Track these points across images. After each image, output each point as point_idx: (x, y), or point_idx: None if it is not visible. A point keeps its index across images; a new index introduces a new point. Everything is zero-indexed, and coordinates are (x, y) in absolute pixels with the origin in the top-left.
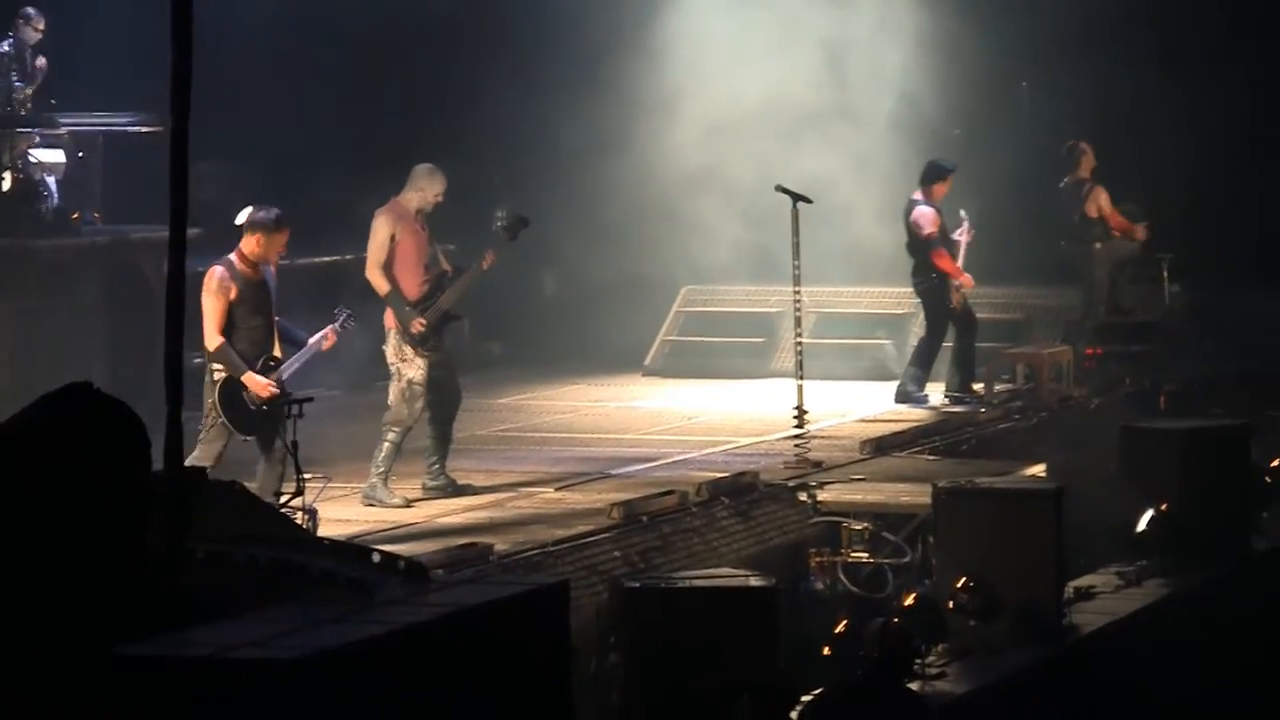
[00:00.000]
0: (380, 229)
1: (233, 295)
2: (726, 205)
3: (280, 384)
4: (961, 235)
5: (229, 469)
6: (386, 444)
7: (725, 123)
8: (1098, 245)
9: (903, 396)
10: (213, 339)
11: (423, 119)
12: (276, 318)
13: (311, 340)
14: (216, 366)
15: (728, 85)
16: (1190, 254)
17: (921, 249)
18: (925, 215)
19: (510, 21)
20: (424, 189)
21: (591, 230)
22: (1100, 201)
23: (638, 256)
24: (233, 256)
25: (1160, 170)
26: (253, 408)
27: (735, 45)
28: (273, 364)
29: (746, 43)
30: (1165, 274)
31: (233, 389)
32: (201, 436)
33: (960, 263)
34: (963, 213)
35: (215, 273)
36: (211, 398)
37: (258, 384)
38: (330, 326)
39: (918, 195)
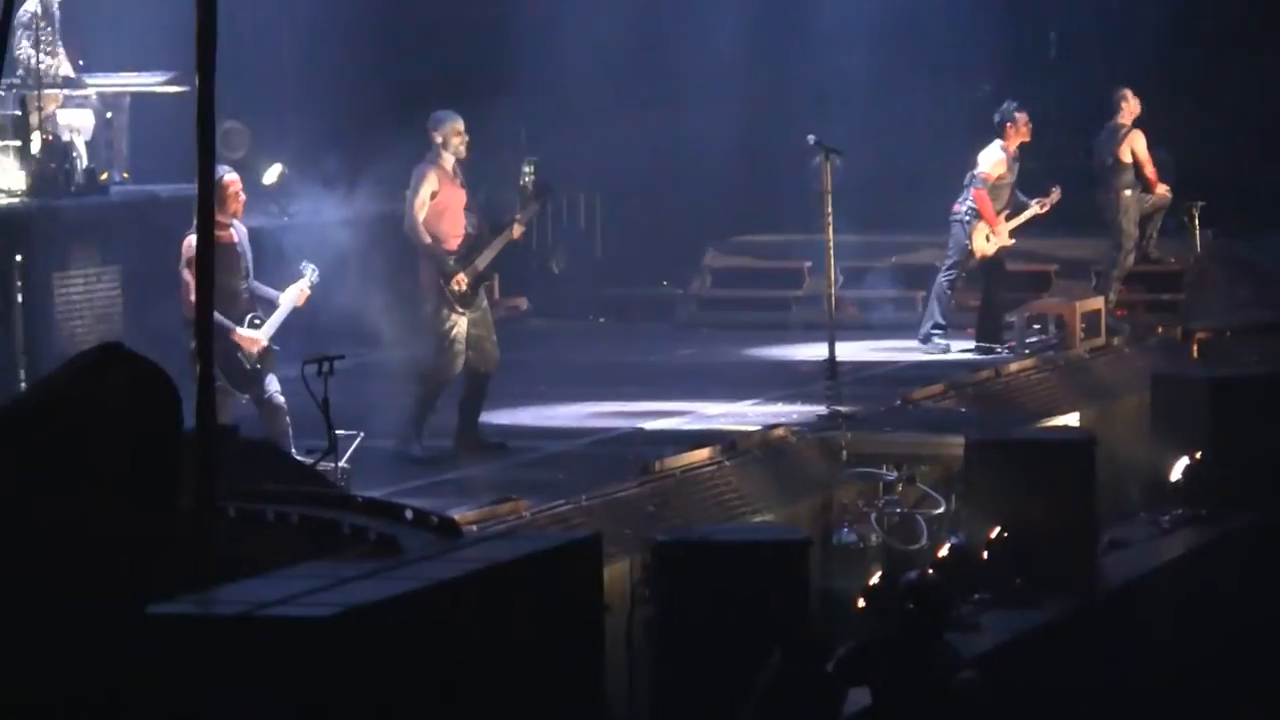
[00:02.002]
0: (423, 184)
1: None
2: (759, 157)
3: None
4: (1035, 203)
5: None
6: (421, 400)
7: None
8: (1126, 192)
9: (924, 338)
10: (191, 306)
11: (452, 62)
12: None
13: (284, 297)
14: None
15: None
16: (1222, 200)
17: (968, 183)
18: (987, 156)
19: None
20: (455, 130)
21: (620, 184)
22: (1136, 145)
23: (668, 209)
24: None
25: (1192, 116)
26: (247, 366)
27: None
28: (258, 321)
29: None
30: (1197, 221)
31: (226, 349)
32: None
33: (1012, 222)
34: (1055, 190)
35: (189, 240)
36: None
37: (251, 340)
38: (300, 282)
39: (995, 142)
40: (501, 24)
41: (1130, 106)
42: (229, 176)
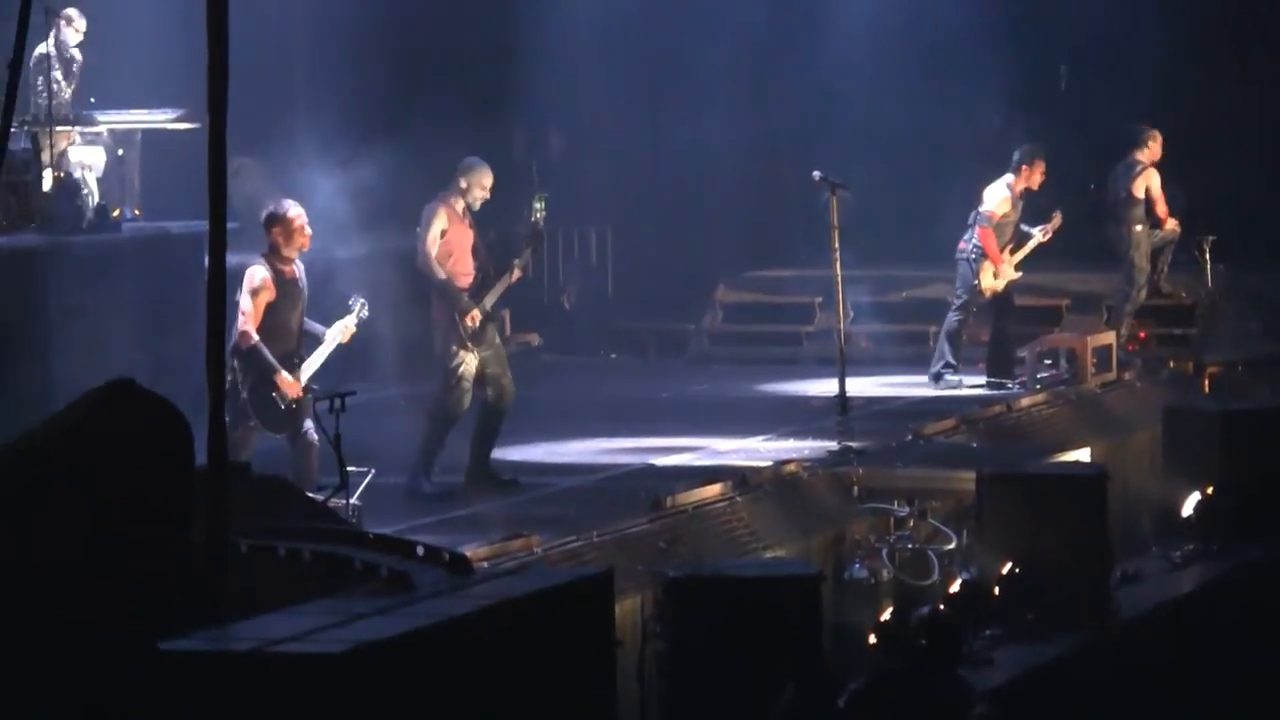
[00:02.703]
0: (434, 221)
1: (272, 295)
2: (767, 192)
3: (308, 382)
4: (1038, 231)
5: (265, 463)
6: (430, 436)
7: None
8: (1138, 227)
9: (935, 377)
10: (248, 337)
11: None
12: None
13: (329, 334)
14: (236, 365)
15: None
16: (1234, 234)
17: (973, 221)
18: (993, 194)
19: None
20: (480, 182)
21: (631, 218)
22: (1151, 182)
23: (680, 243)
24: (267, 254)
25: (1204, 151)
26: (283, 406)
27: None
28: (297, 361)
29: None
30: (1208, 255)
31: (263, 391)
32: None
33: (1017, 254)
34: (1057, 214)
35: (257, 272)
36: (241, 398)
37: (289, 384)
38: (348, 318)
39: (1007, 176)
40: (514, 58)
41: (1153, 149)
42: (294, 211)
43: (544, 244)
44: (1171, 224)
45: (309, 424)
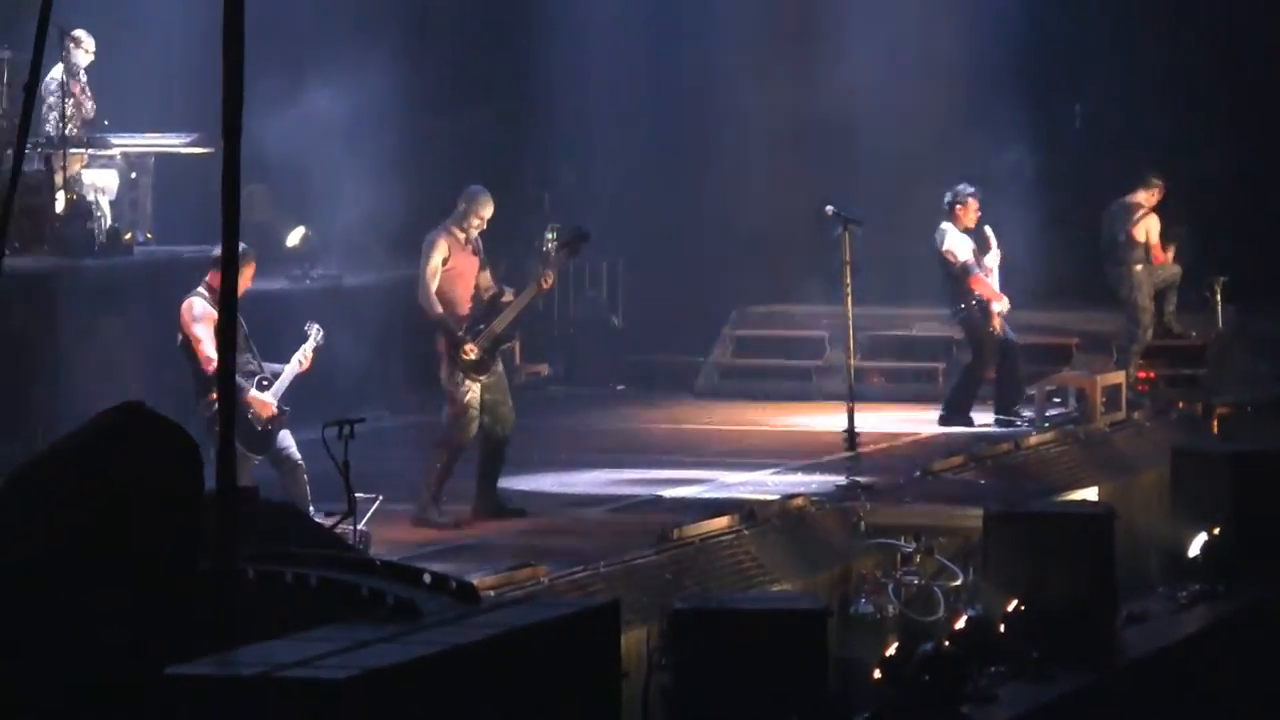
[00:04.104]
0: (434, 252)
1: (214, 322)
2: (778, 225)
3: (278, 405)
4: (993, 258)
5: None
6: (438, 465)
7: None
8: (1138, 268)
9: (943, 420)
10: (211, 362)
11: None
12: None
13: (292, 361)
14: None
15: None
16: (1244, 276)
17: (959, 277)
18: (956, 243)
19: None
20: (479, 212)
21: (642, 251)
22: (1150, 227)
23: (689, 277)
24: (203, 289)
25: (1213, 192)
26: (259, 428)
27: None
28: (266, 383)
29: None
30: (1219, 296)
31: (239, 411)
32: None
33: (996, 284)
34: (988, 229)
35: (195, 303)
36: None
37: (263, 403)
38: (306, 345)
39: (945, 225)
40: (522, 89)
41: (1154, 194)
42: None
43: (585, 243)
44: (1170, 263)
45: (287, 443)
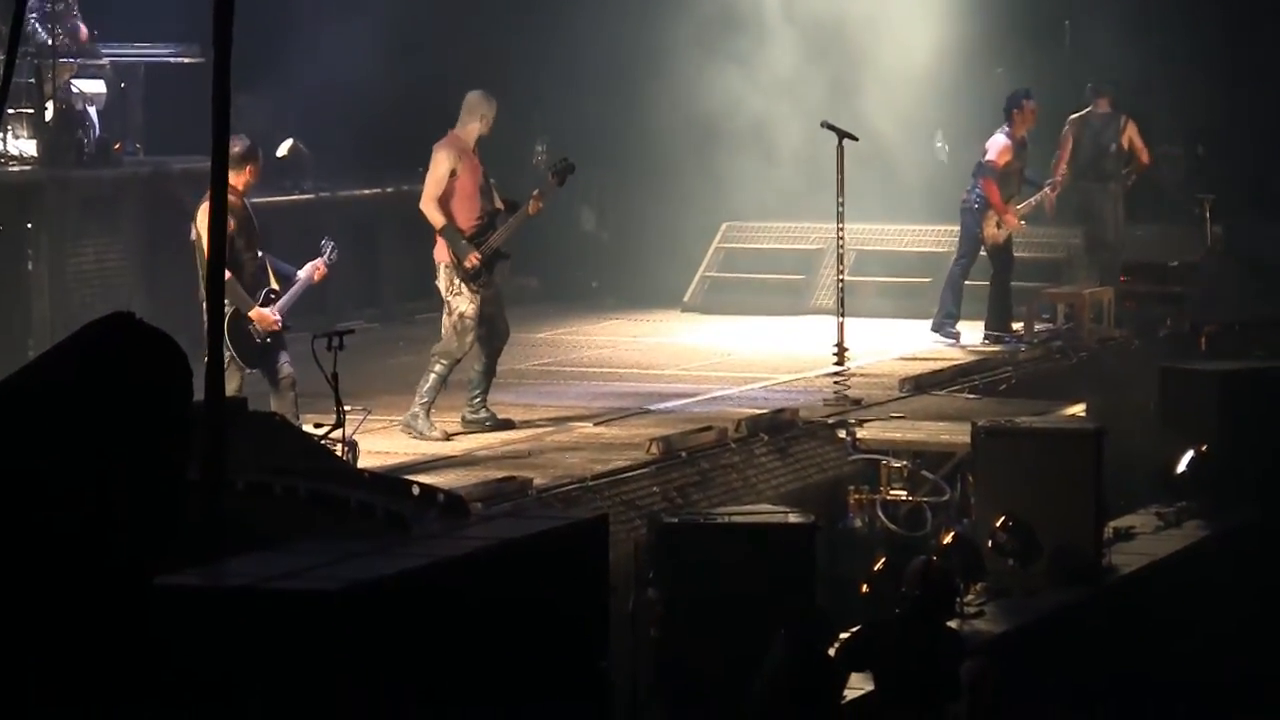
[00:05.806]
0: (441, 162)
1: (231, 227)
2: (770, 141)
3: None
4: (1047, 184)
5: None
6: (433, 375)
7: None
8: (1112, 185)
9: (936, 325)
10: None
11: (462, 53)
12: (261, 252)
13: (302, 273)
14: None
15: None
16: (1232, 194)
17: (977, 171)
18: (994, 144)
19: None
20: (484, 116)
21: (632, 165)
22: (1132, 133)
23: (678, 192)
24: None
25: (1203, 111)
26: (258, 340)
27: None
28: (273, 296)
29: None
30: (1208, 215)
31: (238, 323)
32: None
33: (1023, 207)
34: (1048, 183)
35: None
36: None
37: (264, 317)
38: (319, 259)
39: (1004, 126)
40: (516, 7)
41: (1107, 98)
42: (238, 147)
43: (571, 174)
44: (1145, 155)
45: (286, 362)
